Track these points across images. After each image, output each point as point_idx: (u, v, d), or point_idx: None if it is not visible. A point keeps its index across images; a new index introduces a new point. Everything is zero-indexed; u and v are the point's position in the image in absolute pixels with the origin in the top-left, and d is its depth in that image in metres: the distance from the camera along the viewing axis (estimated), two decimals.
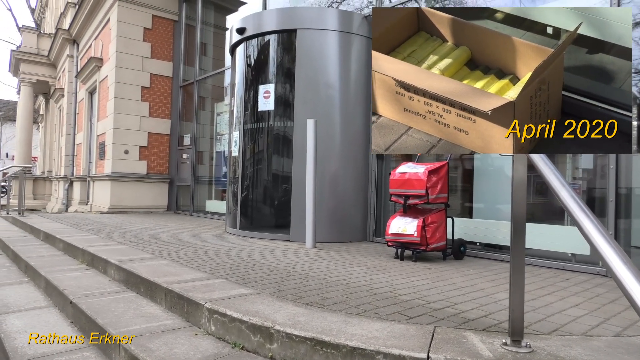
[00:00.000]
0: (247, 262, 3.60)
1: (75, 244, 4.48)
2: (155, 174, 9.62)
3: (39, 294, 3.56)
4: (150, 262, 3.54)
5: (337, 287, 2.75)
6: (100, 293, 3.07)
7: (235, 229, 5.57)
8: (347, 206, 5.16)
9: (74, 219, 7.71)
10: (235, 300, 2.38)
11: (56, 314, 3.02)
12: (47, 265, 4.00)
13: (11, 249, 5.06)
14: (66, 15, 14.45)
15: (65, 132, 13.92)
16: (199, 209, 8.99)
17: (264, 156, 5.56)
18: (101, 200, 9.73)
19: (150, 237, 5.12)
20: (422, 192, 3.71)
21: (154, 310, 2.69)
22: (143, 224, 6.83)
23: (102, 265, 3.72)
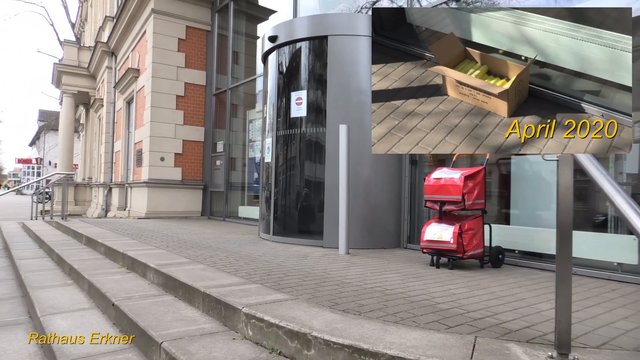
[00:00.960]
0: (282, 267, 3.62)
1: (116, 248, 4.62)
2: (189, 180, 9.84)
3: (83, 296, 3.69)
4: (187, 266, 3.61)
5: (373, 294, 2.72)
6: (141, 296, 3.15)
7: (268, 235, 5.62)
8: (380, 212, 5.12)
9: (113, 223, 7.96)
10: (271, 306, 2.40)
11: (99, 316, 3.12)
12: (90, 269, 4.14)
13: (56, 252, 5.27)
14: (105, 28, 15.04)
15: (104, 141, 14.44)
16: (232, 214, 9.13)
17: (297, 162, 5.59)
18: (138, 205, 10.02)
19: (186, 242, 5.23)
20: (458, 198, 3.64)
21: (192, 313, 2.74)
22: (179, 229, 6.98)
23: (142, 269, 3.82)
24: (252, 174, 8.95)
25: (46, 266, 5.09)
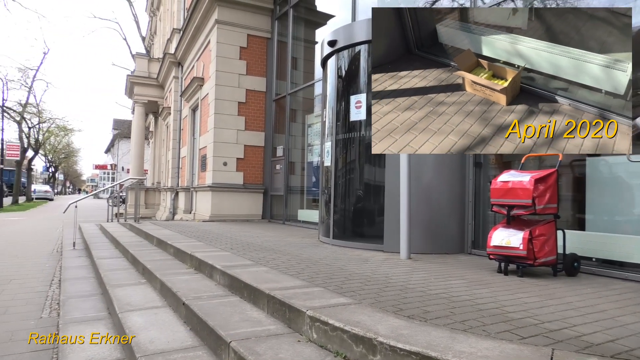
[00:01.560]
0: (343, 271, 3.63)
1: (184, 249, 4.84)
2: (250, 184, 10.13)
3: (155, 294, 3.90)
4: (251, 268, 3.71)
5: (438, 301, 2.65)
6: (209, 296, 3.27)
7: (328, 238, 5.65)
8: (442, 216, 4.99)
9: (180, 226, 8.36)
10: (335, 309, 2.40)
11: (171, 314, 3.28)
12: (161, 269, 4.37)
13: (130, 253, 5.62)
14: (172, 40, 15.88)
15: (171, 147, 15.22)
16: (291, 217, 9.28)
17: (356, 166, 5.58)
18: (203, 209, 10.46)
19: (249, 244, 5.38)
20: (528, 202, 3.46)
21: (257, 315, 2.81)
22: (241, 232, 7.20)
23: (208, 270, 3.98)
24: (311, 177, 9.04)
25: (122, 266, 5.44)
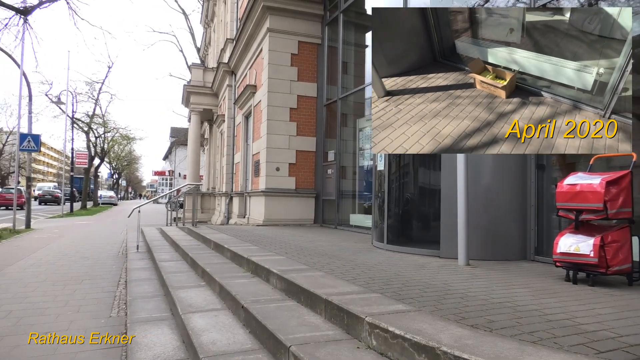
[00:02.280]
0: (400, 277, 3.56)
1: (240, 253, 4.96)
2: (303, 189, 10.23)
3: (214, 297, 4.02)
4: (306, 273, 3.73)
5: (502, 310, 2.54)
6: (266, 300, 3.33)
7: (382, 243, 5.58)
8: (502, 221, 4.79)
9: (235, 230, 8.59)
10: (395, 316, 2.36)
11: (230, 316, 3.36)
12: (219, 272, 4.50)
13: (189, 256, 5.83)
14: (225, 50, 16.41)
15: (225, 153, 15.70)
16: (343, 222, 9.27)
17: (410, 169, 5.49)
18: (256, 213, 10.69)
19: (302, 249, 5.42)
20: (599, 206, 3.25)
21: (315, 320, 2.82)
22: (294, 236, 7.28)
23: (265, 274, 4.05)
24: (363, 182, 9.00)
25: (182, 268, 5.66)
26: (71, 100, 27.34)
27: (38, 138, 13.98)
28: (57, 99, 25.64)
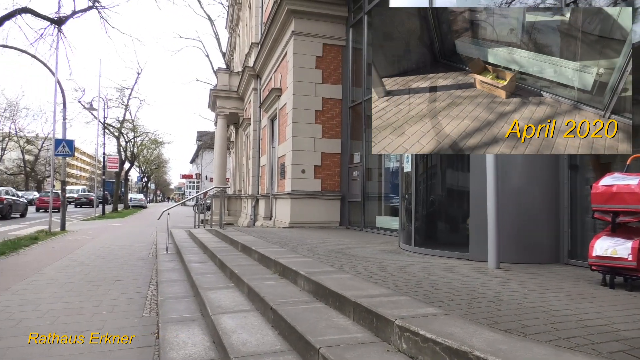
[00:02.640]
0: (429, 280, 3.52)
1: (268, 255, 5.00)
2: (328, 191, 10.24)
3: (243, 298, 4.06)
4: (334, 275, 3.73)
5: (536, 315, 2.47)
6: (294, 302, 3.34)
7: (409, 245, 5.53)
8: (534, 223, 4.67)
9: (262, 232, 8.66)
10: (425, 320, 2.34)
11: (259, 317, 3.39)
12: (247, 274, 4.55)
13: (218, 258, 5.92)
14: (250, 54, 16.60)
15: (251, 156, 15.87)
16: (369, 224, 9.23)
17: (437, 171, 5.42)
18: (282, 215, 10.75)
19: (329, 251, 5.42)
20: (637, 207, 3.13)
21: (343, 322, 2.81)
22: (320, 238, 7.29)
23: (292, 276, 4.07)
24: (389, 184, 8.94)
25: (210, 270, 5.74)
26: (102, 106, 28.18)
27: (72, 143, 14.46)
28: (89, 105, 26.46)
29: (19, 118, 47.09)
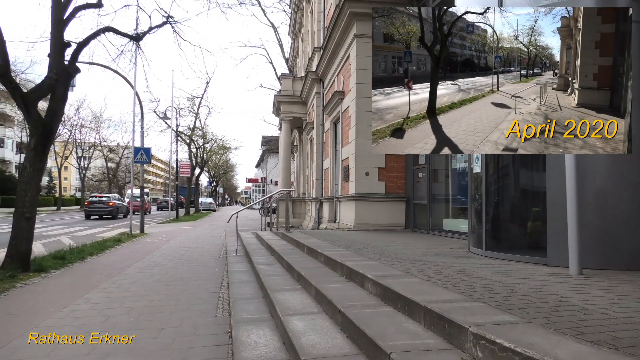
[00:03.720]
0: (503, 286, 3.36)
1: (334, 258, 5.02)
2: (393, 194, 10.11)
3: (310, 300, 4.11)
4: (402, 279, 3.67)
5: (629, 326, 2.27)
6: (362, 305, 3.33)
7: (480, 249, 5.31)
8: (621, 226, 4.30)
9: (327, 235, 8.72)
10: (501, 328, 2.23)
11: (327, 320, 3.41)
12: (314, 276, 4.60)
13: (285, 260, 6.04)
14: (313, 59, 16.82)
15: (315, 159, 16.05)
16: (435, 227, 8.98)
17: (510, 170, 5.16)
18: (347, 218, 10.77)
19: (396, 254, 5.34)
20: None
21: (413, 327, 2.76)
22: (386, 241, 7.20)
23: (359, 279, 4.05)
24: (456, 185, 8.64)
25: (278, 272, 5.87)
26: (175, 115, 29.89)
27: (149, 151, 15.46)
28: (163, 114, 28.20)
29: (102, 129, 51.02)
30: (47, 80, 7.41)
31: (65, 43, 7.58)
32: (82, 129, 46.75)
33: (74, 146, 46.69)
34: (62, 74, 7.46)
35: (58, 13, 7.46)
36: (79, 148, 47.57)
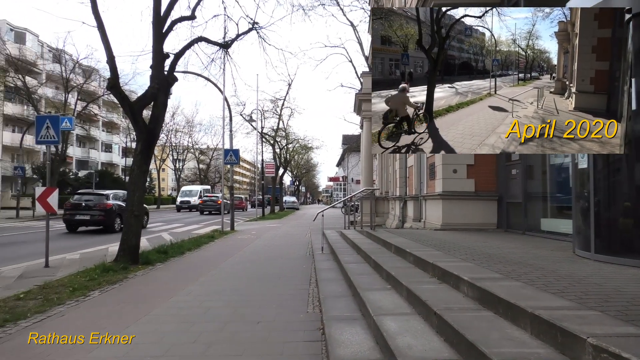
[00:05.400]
0: (621, 294, 3.03)
1: (425, 258, 4.89)
2: (483, 192, 9.61)
3: (402, 301, 4.03)
4: (502, 282, 3.46)
5: None
6: (459, 308, 3.19)
7: (587, 252, 4.85)
8: None
9: (413, 234, 8.53)
10: (626, 340, 2.01)
11: (421, 322, 3.32)
12: (404, 276, 4.51)
13: (372, 259, 6.00)
14: None
15: (398, 157, 15.79)
16: (532, 227, 8.37)
17: (622, 165, 4.65)
18: (433, 217, 10.45)
19: (490, 256, 5.07)
20: None
21: (519, 334, 2.59)
22: (477, 242, 6.87)
23: (454, 281, 3.90)
24: (555, 182, 7.98)
25: (365, 270, 5.85)
26: (260, 117, 31.14)
27: (238, 152, 16.28)
28: (249, 117, 29.50)
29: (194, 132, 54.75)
30: (150, 89, 8.09)
31: (164, 55, 8.23)
32: (176, 133, 50.58)
33: (170, 149, 50.60)
34: (162, 83, 8.11)
35: (158, 28, 8.11)
36: (174, 151, 51.47)
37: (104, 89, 36.76)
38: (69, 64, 30.60)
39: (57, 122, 7.78)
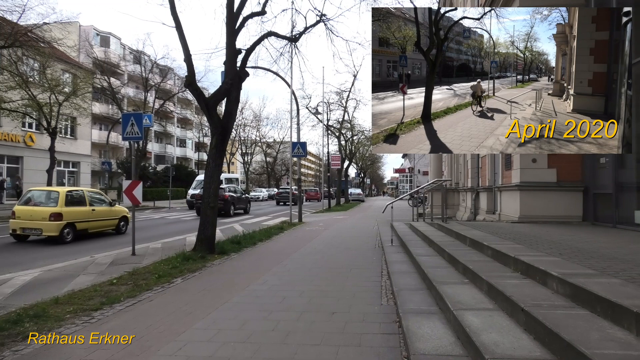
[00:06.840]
0: None
1: (505, 251, 4.64)
2: (566, 182, 8.96)
3: (482, 295, 3.86)
4: (598, 279, 3.20)
5: None
6: (549, 305, 2.99)
7: None
8: None
9: (488, 227, 8.15)
10: None
11: (506, 318, 3.16)
12: (483, 270, 4.31)
13: (447, 252, 5.81)
14: None
15: None
16: (624, 220, 7.67)
17: None
18: (510, 209, 9.92)
19: (579, 250, 4.71)
20: None
21: (622, 335, 2.37)
22: (562, 235, 6.42)
23: (540, 276, 3.66)
24: None
25: (439, 263, 5.67)
26: (325, 109, 31.28)
27: (305, 145, 16.46)
28: (315, 110, 29.75)
29: (261, 126, 56.22)
30: (223, 85, 8.39)
31: (237, 51, 8.47)
32: (245, 127, 52.23)
33: (239, 143, 52.40)
34: (235, 79, 8.36)
35: (231, 25, 8.36)
36: (242, 145, 53.25)
37: (178, 86, 38.87)
38: (147, 64, 32.66)
39: (140, 120, 8.33)
